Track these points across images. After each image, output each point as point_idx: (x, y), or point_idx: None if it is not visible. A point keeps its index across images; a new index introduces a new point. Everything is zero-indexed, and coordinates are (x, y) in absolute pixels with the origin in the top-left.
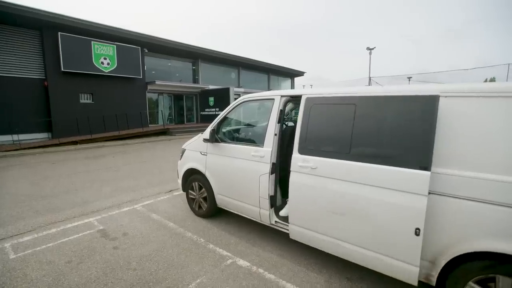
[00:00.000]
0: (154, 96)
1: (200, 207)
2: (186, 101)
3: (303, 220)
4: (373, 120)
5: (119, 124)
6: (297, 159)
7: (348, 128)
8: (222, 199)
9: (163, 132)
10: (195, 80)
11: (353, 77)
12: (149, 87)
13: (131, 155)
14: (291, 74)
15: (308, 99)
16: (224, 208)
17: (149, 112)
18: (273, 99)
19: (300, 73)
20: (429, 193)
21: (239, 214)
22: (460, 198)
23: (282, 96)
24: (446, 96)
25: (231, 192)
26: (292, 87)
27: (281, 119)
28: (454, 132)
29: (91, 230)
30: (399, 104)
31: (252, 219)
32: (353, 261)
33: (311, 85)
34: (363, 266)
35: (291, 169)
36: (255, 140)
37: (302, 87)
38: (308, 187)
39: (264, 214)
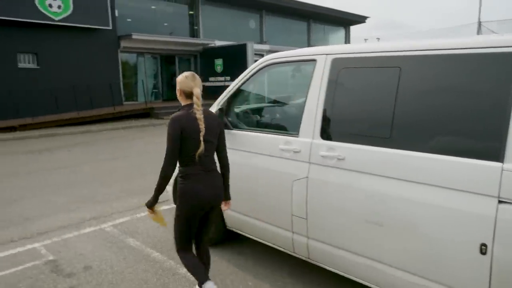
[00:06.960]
0: (131, 58)
1: None
2: (180, 66)
3: (328, 234)
4: (428, 89)
5: (78, 101)
6: (319, 146)
7: (389, 101)
8: (235, 218)
9: (145, 114)
10: (194, 33)
11: (453, 22)
12: (123, 43)
13: (97, 149)
14: (345, 22)
15: (335, 61)
16: (237, 231)
17: (123, 83)
18: (315, 60)
19: (359, 19)
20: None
21: (261, 240)
22: None
23: (328, 54)
24: None
25: (248, 206)
26: (347, 41)
27: None
28: None
29: (35, 261)
30: (468, 64)
31: (281, 249)
32: None
33: (378, 38)
34: None
35: (309, 160)
36: (285, 126)
37: (363, 42)
38: (334, 187)
39: (299, 242)
